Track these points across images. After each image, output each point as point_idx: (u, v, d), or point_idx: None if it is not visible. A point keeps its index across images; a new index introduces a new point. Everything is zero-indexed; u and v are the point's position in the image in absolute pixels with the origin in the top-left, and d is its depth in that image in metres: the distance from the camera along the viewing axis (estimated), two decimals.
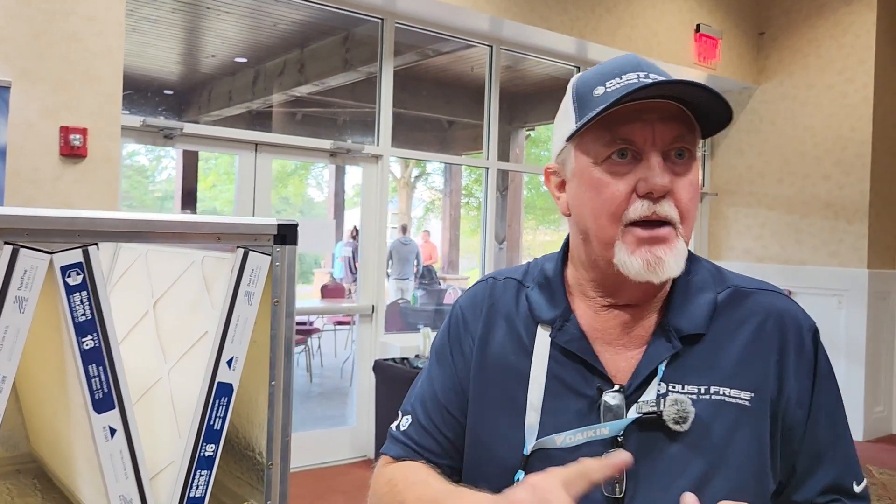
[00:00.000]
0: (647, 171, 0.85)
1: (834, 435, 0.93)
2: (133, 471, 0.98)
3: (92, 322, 0.94)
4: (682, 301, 0.92)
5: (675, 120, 0.86)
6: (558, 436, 0.89)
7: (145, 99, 7.96)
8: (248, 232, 1.08)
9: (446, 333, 1.05)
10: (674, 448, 0.86)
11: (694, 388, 0.88)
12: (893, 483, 4.33)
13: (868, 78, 5.34)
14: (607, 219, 0.87)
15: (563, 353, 0.93)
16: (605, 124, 0.86)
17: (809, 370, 0.92)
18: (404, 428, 1.03)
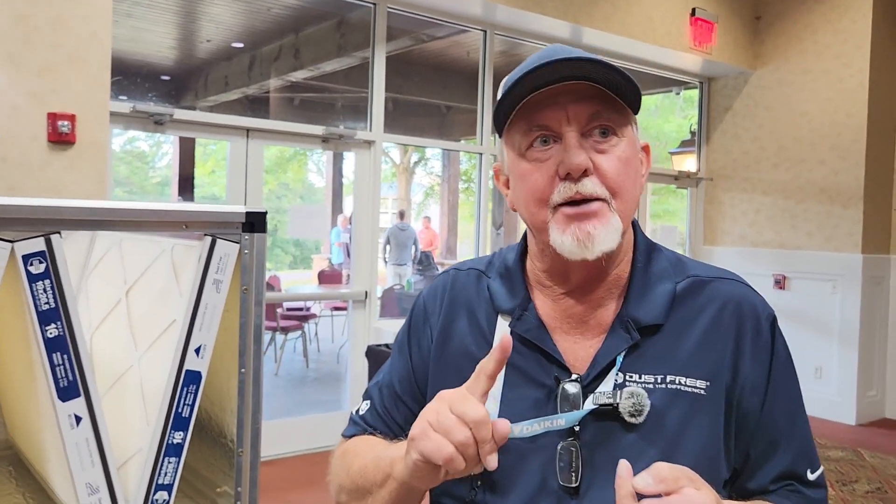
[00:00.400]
0: (564, 153, 0.86)
1: (790, 422, 0.93)
2: (100, 459, 0.98)
3: (55, 311, 0.94)
4: (640, 291, 0.92)
5: (592, 99, 0.86)
6: (515, 426, 0.88)
7: (140, 84, 7.93)
8: (215, 220, 1.08)
9: (407, 325, 1.07)
10: (629, 438, 0.87)
11: (651, 377, 0.89)
12: (885, 467, 4.35)
13: (864, 63, 5.31)
14: (535, 205, 0.89)
15: (522, 343, 0.93)
16: (522, 115, 0.88)
17: (766, 357, 0.92)
18: (362, 412, 1.07)
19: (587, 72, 0.84)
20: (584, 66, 0.84)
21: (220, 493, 1.14)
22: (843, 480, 4.12)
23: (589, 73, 0.85)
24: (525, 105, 0.87)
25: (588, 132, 0.87)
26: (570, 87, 0.85)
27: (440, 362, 0.99)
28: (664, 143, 12.64)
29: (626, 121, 0.89)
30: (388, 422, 1.03)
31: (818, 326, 5.53)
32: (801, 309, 5.63)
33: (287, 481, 3.82)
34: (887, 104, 5.46)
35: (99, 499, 0.98)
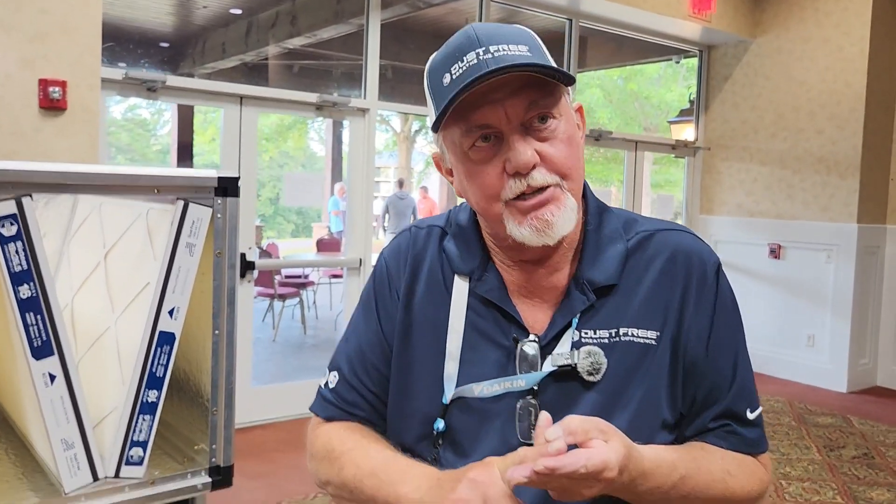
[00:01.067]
0: (509, 150, 0.86)
1: (732, 366, 0.95)
2: (75, 415, 1.01)
3: (28, 272, 0.96)
4: (594, 254, 0.94)
5: (527, 88, 0.86)
6: (476, 385, 0.91)
7: (137, 51, 7.88)
8: (187, 184, 1.09)
9: (372, 287, 1.06)
10: (587, 396, 0.90)
11: (605, 332, 0.91)
12: (873, 433, 4.40)
13: (864, 31, 5.25)
14: (487, 201, 0.89)
15: (483, 303, 0.95)
16: (459, 113, 0.86)
17: (710, 304, 0.95)
18: (332, 385, 1.05)
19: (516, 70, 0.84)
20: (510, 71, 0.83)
21: (197, 451, 1.18)
22: (831, 446, 4.18)
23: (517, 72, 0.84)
24: (460, 104, 0.85)
25: (527, 122, 0.87)
26: (502, 80, 0.84)
27: (404, 322, 1.00)
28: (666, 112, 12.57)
29: (559, 98, 0.89)
30: (363, 393, 1.02)
31: (812, 295, 5.56)
32: (796, 278, 5.65)
33: (282, 443, 3.89)
34: (887, 74, 5.41)
35: (74, 454, 1.02)
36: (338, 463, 0.96)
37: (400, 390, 0.99)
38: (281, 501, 3.19)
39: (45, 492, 1.03)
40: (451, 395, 0.93)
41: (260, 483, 3.34)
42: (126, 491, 1.05)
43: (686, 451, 0.90)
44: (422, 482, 0.83)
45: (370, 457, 0.93)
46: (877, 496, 3.47)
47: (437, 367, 0.95)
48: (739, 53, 6.04)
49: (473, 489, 0.76)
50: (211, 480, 1.14)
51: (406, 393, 0.98)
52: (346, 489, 0.94)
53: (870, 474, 3.76)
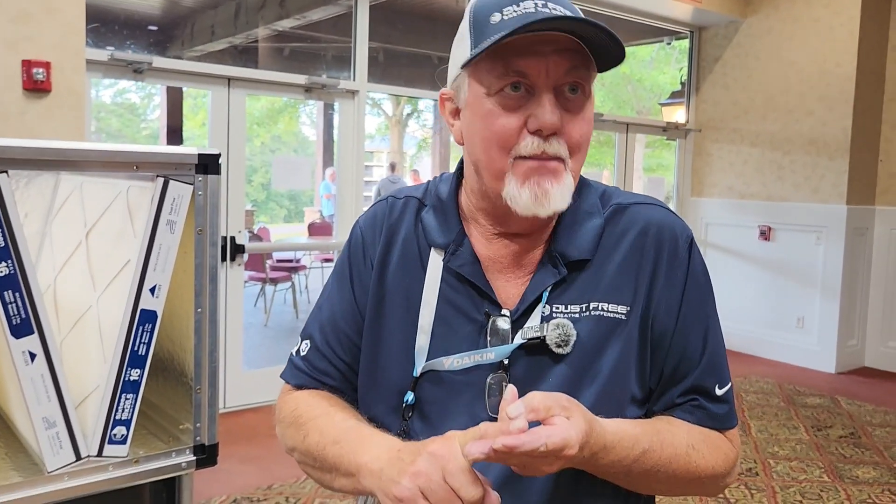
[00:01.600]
0: (537, 107, 0.85)
1: (702, 340, 0.94)
2: (56, 394, 1.01)
3: (5, 249, 0.95)
4: (569, 228, 0.94)
5: (571, 52, 0.85)
6: (446, 359, 0.91)
7: (126, 33, 7.80)
8: (167, 161, 1.08)
9: (346, 255, 1.05)
10: (557, 369, 0.90)
11: (576, 307, 0.91)
12: (860, 413, 4.45)
13: (855, 11, 5.24)
14: (497, 151, 0.87)
15: (456, 278, 0.94)
16: (499, 54, 0.84)
17: (681, 278, 0.94)
18: (304, 353, 1.04)
19: (577, 27, 0.82)
20: (575, 25, 0.82)
21: (182, 430, 1.18)
22: (818, 426, 4.21)
23: (578, 29, 0.83)
24: (502, 44, 0.83)
25: (560, 87, 0.86)
26: (553, 36, 0.83)
27: (377, 293, 0.99)
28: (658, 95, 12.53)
29: (592, 79, 0.89)
30: (334, 362, 1.01)
31: (801, 277, 5.59)
32: (785, 260, 5.67)
33: (273, 427, 3.89)
34: (876, 54, 5.41)
35: (56, 433, 1.01)
36: (303, 430, 0.96)
37: (370, 361, 0.99)
38: (273, 484, 3.20)
39: (29, 471, 1.03)
40: (421, 368, 0.93)
41: (252, 466, 3.35)
42: (110, 470, 1.05)
43: (650, 425, 0.89)
44: (382, 452, 0.82)
45: (334, 424, 0.93)
46: (862, 474, 3.51)
47: (409, 339, 0.95)
48: (730, 34, 6.02)
49: (432, 463, 0.75)
50: (195, 459, 1.13)
51: (376, 364, 0.98)
52: (310, 456, 0.94)
53: (856, 453, 3.80)
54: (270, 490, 3.13)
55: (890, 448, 3.88)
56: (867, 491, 3.32)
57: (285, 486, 3.18)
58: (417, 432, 0.93)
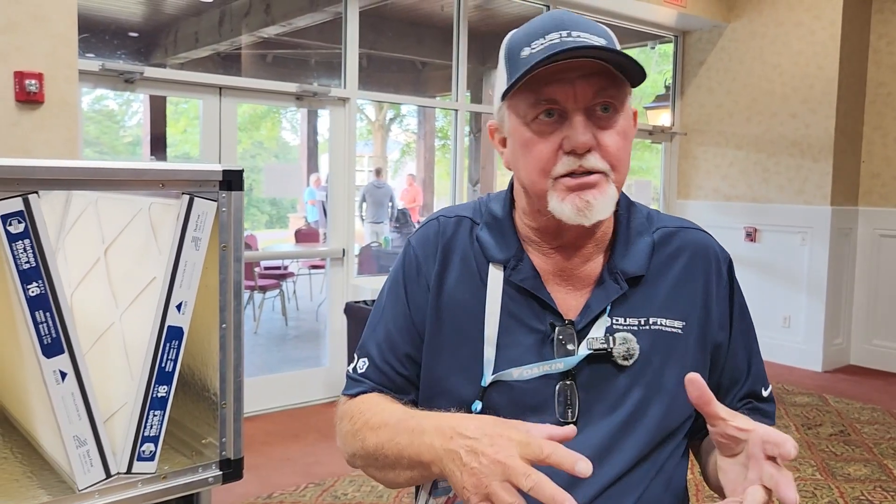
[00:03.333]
0: (570, 129, 0.90)
1: (749, 352, 1.05)
2: (86, 412, 1.01)
3: (37, 269, 0.95)
4: (624, 245, 1.00)
5: (597, 75, 0.90)
6: (515, 370, 0.96)
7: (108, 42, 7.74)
8: (192, 178, 1.09)
9: (401, 273, 1.07)
10: (619, 379, 0.96)
11: (635, 320, 0.97)
12: (848, 411, 4.51)
13: (836, 15, 5.33)
14: (537, 175, 0.93)
15: (518, 291, 0.99)
16: (531, 85, 0.90)
17: (726, 297, 1.04)
18: (361, 370, 1.06)
19: (596, 52, 0.88)
20: (593, 53, 0.88)
21: (205, 445, 1.18)
22: (809, 424, 4.27)
23: (597, 53, 0.88)
24: (533, 76, 0.89)
25: (591, 108, 0.91)
26: (577, 63, 0.89)
27: (436, 309, 1.02)
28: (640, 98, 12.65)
29: (625, 95, 0.94)
30: (393, 377, 1.04)
31: (787, 277, 5.66)
32: (771, 260, 5.75)
33: (270, 435, 3.88)
34: (858, 57, 5.50)
35: (87, 451, 1.01)
36: (360, 434, 0.98)
37: (434, 375, 1.02)
38: (273, 493, 3.19)
39: (56, 489, 1.03)
40: (489, 379, 0.96)
41: (251, 475, 3.34)
42: (139, 486, 1.05)
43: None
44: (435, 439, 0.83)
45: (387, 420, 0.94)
46: (854, 471, 3.56)
47: (474, 352, 0.98)
48: (714, 38, 6.09)
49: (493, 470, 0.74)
50: (221, 473, 1.14)
51: (440, 377, 1.01)
52: (372, 458, 0.95)
53: (847, 451, 3.85)
54: (271, 499, 3.12)
55: (879, 444, 3.94)
56: (859, 488, 3.37)
57: (285, 494, 3.17)
58: None
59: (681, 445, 1.01)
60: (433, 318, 1.02)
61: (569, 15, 0.94)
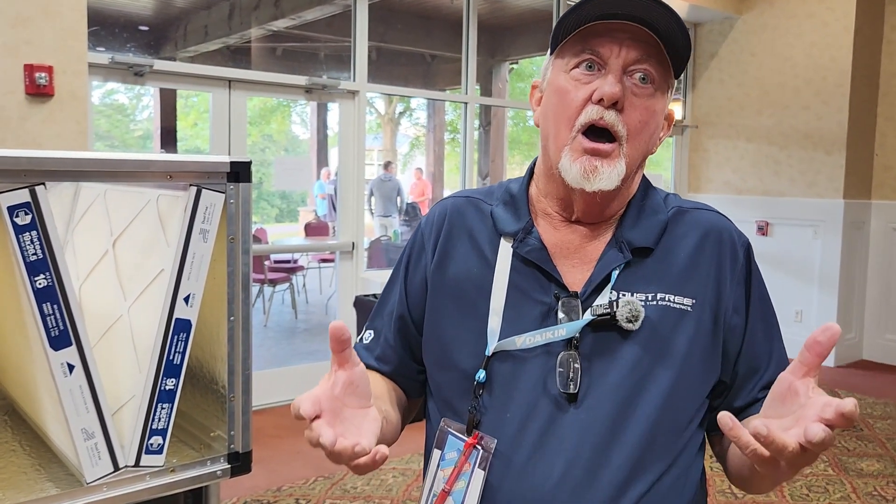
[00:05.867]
0: (603, 81, 0.92)
1: (769, 339, 1.02)
2: (94, 405, 1.01)
3: (44, 261, 0.95)
4: (634, 219, 1.00)
5: (645, 43, 0.92)
6: (518, 337, 0.95)
7: (118, 35, 7.76)
8: (200, 170, 1.08)
9: (409, 252, 1.11)
10: (625, 346, 0.94)
11: (642, 294, 0.95)
12: (861, 406, 4.48)
13: (850, 6, 5.27)
14: (564, 122, 0.94)
15: (524, 263, 0.99)
16: (580, 38, 0.93)
17: (742, 281, 1.01)
18: (367, 341, 1.12)
19: (652, 17, 0.90)
20: (652, 10, 0.89)
21: (213, 438, 1.18)
22: None
23: (653, 20, 0.90)
24: (585, 30, 0.92)
25: (631, 73, 0.93)
26: (631, 27, 0.91)
27: (439, 285, 1.03)
28: None
29: (665, 80, 0.95)
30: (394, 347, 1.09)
31: (799, 271, 5.62)
32: (783, 254, 5.70)
33: (280, 429, 3.89)
34: (871, 49, 5.44)
35: (95, 444, 1.01)
36: None
37: (440, 346, 1.03)
38: (282, 486, 3.20)
39: (64, 482, 1.03)
40: (493, 348, 0.96)
41: (260, 469, 3.35)
42: (147, 479, 1.05)
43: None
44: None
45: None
46: (866, 467, 3.54)
47: (479, 323, 0.99)
48: (725, 30, 6.04)
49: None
50: (230, 467, 1.14)
51: (446, 348, 1.02)
52: None
53: (859, 446, 3.83)
54: (280, 492, 3.13)
55: (892, 440, 3.91)
56: (872, 483, 3.35)
57: (294, 487, 3.18)
58: (488, 408, 0.97)
59: (695, 438, 0.98)
60: (436, 293, 1.03)
61: None
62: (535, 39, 8.34)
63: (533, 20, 7.68)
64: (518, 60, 10.65)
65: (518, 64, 11.39)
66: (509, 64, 10.16)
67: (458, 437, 0.98)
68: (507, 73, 10.12)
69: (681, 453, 0.95)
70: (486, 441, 0.95)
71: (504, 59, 9.45)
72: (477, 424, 0.96)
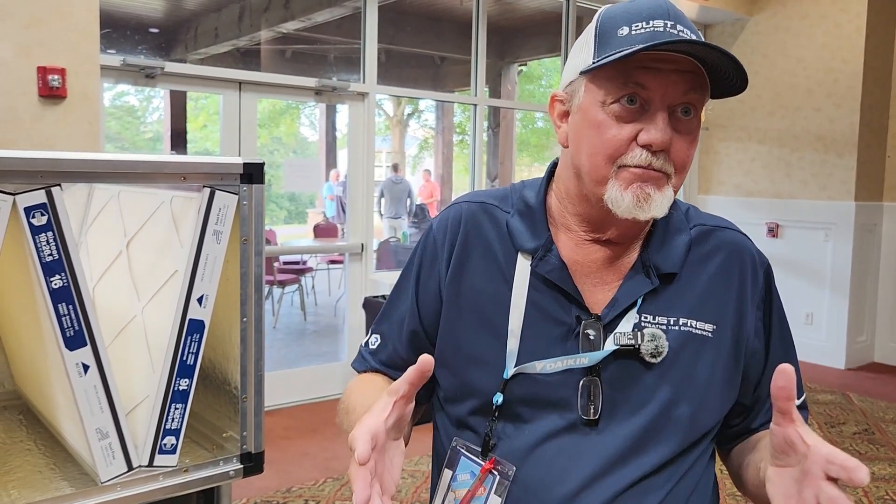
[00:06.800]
0: (650, 123, 0.87)
1: (788, 360, 0.99)
2: (108, 405, 1.01)
3: (59, 262, 0.96)
4: (661, 240, 0.97)
5: (691, 73, 0.87)
6: (539, 363, 0.93)
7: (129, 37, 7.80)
8: (213, 171, 1.09)
9: (420, 257, 1.06)
10: (646, 376, 0.92)
11: (664, 319, 0.94)
12: (873, 410, 4.45)
13: (862, 8, 5.24)
14: (603, 159, 0.89)
15: (544, 283, 0.96)
16: (621, 67, 0.87)
17: (762, 304, 0.99)
18: (373, 346, 1.10)
19: (704, 52, 0.85)
20: (704, 51, 0.84)
21: (226, 438, 1.18)
22: (832, 423, 4.22)
23: (704, 55, 0.85)
24: (628, 60, 0.85)
25: (675, 106, 0.88)
26: (676, 57, 0.86)
27: (455, 296, 1.01)
28: None
29: (703, 102, 0.92)
30: (401, 354, 1.07)
31: (810, 274, 5.59)
32: (794, 257, 5.68)
33: (289, 430, 3.90)
34: (884, 50, 5.41)
35: (109, 443, 1.01)
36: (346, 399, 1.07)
37: (454, 364, 1.00)
38: (291, 487, 3.20)
39: (79, 482, 1.03)
40: (512, 371, 0.94)
41: (269, 470, 3.35)
42: (160, 479, 1.05)
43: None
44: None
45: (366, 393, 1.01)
46: (878, 471, 3.51)
47: (497, 342, 0.96)
48: (736, 31, 6.02)
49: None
50: (242, 467, 1.14)
51: (462, 366, 0.99)
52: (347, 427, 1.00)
53: (871, 450, 3.80)
54: (290, 493, 3.13)
55: None
56: (884, 487, 3.32)
57: (304, 488, 3.18)
58: (505, 432, 0.95)
59: (707, 449, 0.98)
60: (451, 305, 1.00)
61: (672, 6, 0.89)
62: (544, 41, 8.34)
63: (542, 22, 7.68)
64: (527, 62, 10.64)
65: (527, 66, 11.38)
66: (518, 66, 10.16)
67: (472, 459, 0.96)
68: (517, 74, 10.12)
69: (694, 464, 0.96)
70: (504, 467, 0.93)
71: (513, 60, 9.45)
72: (493, 448, 0.94)
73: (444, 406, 1.03)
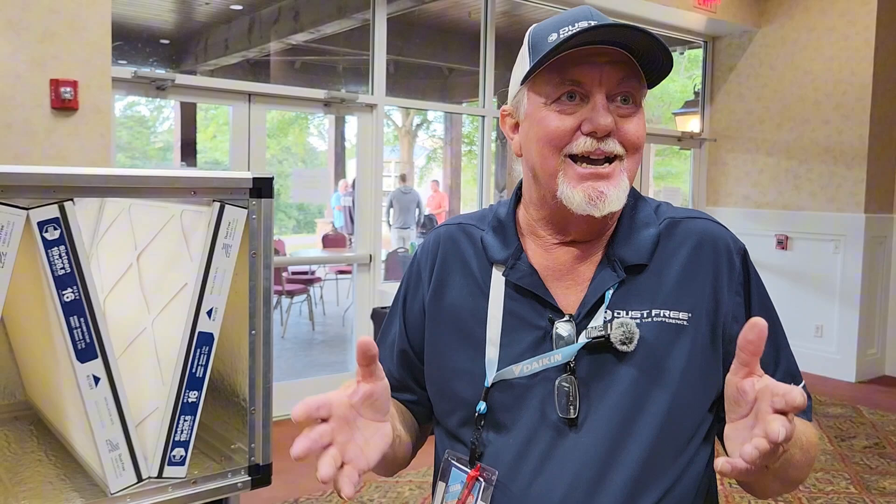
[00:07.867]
0: (591, 111, 0.90)
1: (774, 345, 0.99)
2: (118, 417, 1.02)
3: (71, 275, 0.97)
4: (626, 235, 0.98)
5: (623, 64, 0.91)
6: (516, 366, 0.94)
7: (140, 49, 7.88)
8: (223, 186, 1.10)
9: (406, 281, 1.11)
10: (621, 368, 0.92)
11: (637, 312, 0.94)
12: (883, 423, 4.42)
13: (870, 20, 5.24)
14: (550, 150, 0.93)
15: (517, 290, 0.98)
16: (556, 67, 0.91)
17: (740, 288, 0.98)
18: None
19: (627, 39, 0.88)
20: (626, 34, 0.88)
21: (234, 450, 1.19)
22: (842, 436, 4.19)
23: (628, 40, 0.88)
24: (559, 58, 0.90)
25: (612, 96, 0.91)
26: (606, 49, 0.89)
27: (436, 316, 1.04)
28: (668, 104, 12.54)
29: (642, 94, 0.95)
30: (394, 374, 1.08)
31: (819, 286, 5.56)
32: (803, 269, 5.66)
33: None
34: (892, 62, 5.40)
35: (119, 455, 1.03)
36: None
37: (440, 378, 1.03)
38: (299, 498, 3.20)
39: (89, 492, 1.04)
40: (492, 379, 0.96)
41: (277, 480, 3.34)
42: (169, 491, 1.06)
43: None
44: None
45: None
46: (889, 485, 3.48)
47: (477, 353, 0.98)
48: (744, 44, 6.03)
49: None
50: (250, 479, 1.15)
51: (446, 382, 1.02)
52: None
53: (882, 464, 3.77)
54: (297, 503, 3.14)
55: None
56: (894, 502, 3.30)
57: (312, 499, 3.19)
58: (490, 439, 0.96)
59: (702, 452, 0.96)
60: (433, 324, 1.04)
61: (596, 11, 0.95)
62: None
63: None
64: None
65: None
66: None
67: (460, 469, 0.98)
68: None
69: (686, 469, 0.93)
70: (488, 473, 0.94)
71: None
72: (479, 456, 0.96)
73: (438, 420, 1.06)
